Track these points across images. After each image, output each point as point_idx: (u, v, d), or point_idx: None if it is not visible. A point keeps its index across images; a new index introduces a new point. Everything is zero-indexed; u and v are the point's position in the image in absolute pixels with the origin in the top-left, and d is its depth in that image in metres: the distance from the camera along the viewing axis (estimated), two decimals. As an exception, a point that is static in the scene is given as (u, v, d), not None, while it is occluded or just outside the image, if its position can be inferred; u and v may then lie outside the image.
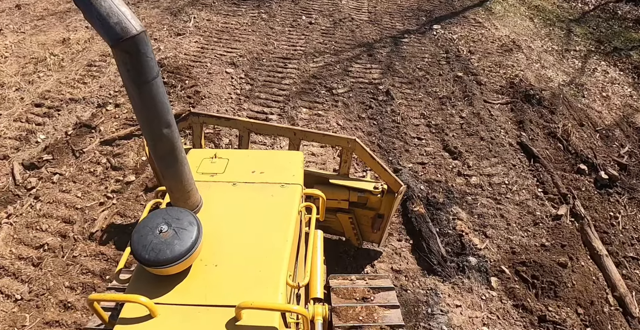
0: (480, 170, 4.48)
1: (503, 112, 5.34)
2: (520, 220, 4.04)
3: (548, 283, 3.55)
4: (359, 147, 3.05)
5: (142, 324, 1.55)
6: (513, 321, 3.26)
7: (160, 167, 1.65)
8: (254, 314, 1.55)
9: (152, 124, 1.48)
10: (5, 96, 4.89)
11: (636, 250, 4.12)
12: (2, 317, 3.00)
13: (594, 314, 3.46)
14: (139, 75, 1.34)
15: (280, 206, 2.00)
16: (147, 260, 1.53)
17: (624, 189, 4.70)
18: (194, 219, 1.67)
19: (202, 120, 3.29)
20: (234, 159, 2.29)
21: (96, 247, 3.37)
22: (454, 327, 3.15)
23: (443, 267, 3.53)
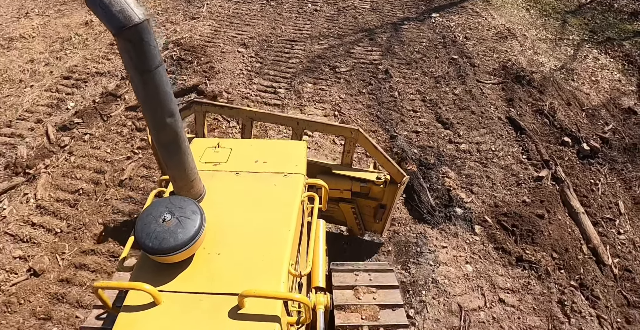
0: (470, 139, 5.03)
1: (494, 91, 5.89)
2: (504, 181, 4.57)
3: (526, 231, 4.08)
4: (362, 137, 3.12)
5: (146, 311, 1.60)
6: (493, 260, 3.79)
7: (164, 156, 1.69)
8: (256, 302, 1.60)
9: (155, 112, 1.52)
10: (35, 70, 5.51)
11: (613, 212, 4.63)
12: (45, 246, 3.56)
13: (568, 259, 3.98)
14: (142, 64, 1.37)
15: (283, 196, 2.07)
16: (151, 248, 1.59)
17: (605, 160, 5.22)
18: (197, 208, 1.72)
19: (205, 108, 3.35)
20: (237, 148, 2.35)
21: (125, 192, 3.94)
22: (439, 263, 3.69)
23: (432, 216, 4.07)
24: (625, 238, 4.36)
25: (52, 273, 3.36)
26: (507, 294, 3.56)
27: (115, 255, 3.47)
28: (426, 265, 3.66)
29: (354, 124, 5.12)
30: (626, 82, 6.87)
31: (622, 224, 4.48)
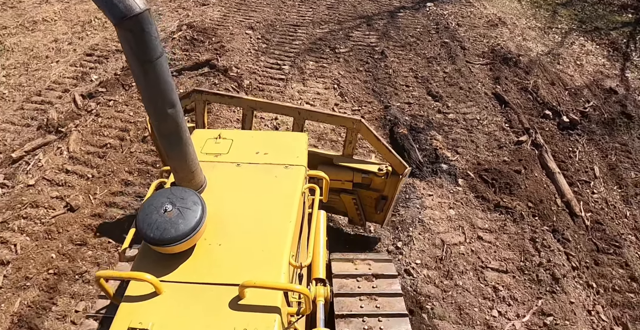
0: (457, 110, 5.64)
1: (482, 70, 6.52)
2: (487, 144, 5.17)
3: (504, 183, 4.67)
4: (364, 127, 3.17)
5: (148, 301, 1.66)
6: (473, 206, 4.37)
7: (165, 147, 1.74)
8: (256, 292, 1.66)
9: (156, 103, 1.56)
10: (60, 48, 6.18)
11: (589, 176, 5.21)
12: (78, 188, 4.17)
13: (542, 209, 4.55)
14: (143, 54, 1.40)
15: (284, 187, 2.13)
16: (152, 238, 1.65)
17: (584, 131, 5.81)
18: (198, 199, 1.77)
19: (205, 97, 3.40)
20: (238, 139, 2.41)
21: (148, 146, 4.56)
22: (425, 207, 4.28)
23: (420, 170, 4.67)
24: (599, 197, 4.93)
25: (86, 209, 3.97)
26: (485, 233, 4.14)
27: (140, 196, 4.07)
28: (413, 208, 4.24)
29: (353, 100, 5.74)
30: (610, 66, 7.49)
31: (597, 185, 5.06)
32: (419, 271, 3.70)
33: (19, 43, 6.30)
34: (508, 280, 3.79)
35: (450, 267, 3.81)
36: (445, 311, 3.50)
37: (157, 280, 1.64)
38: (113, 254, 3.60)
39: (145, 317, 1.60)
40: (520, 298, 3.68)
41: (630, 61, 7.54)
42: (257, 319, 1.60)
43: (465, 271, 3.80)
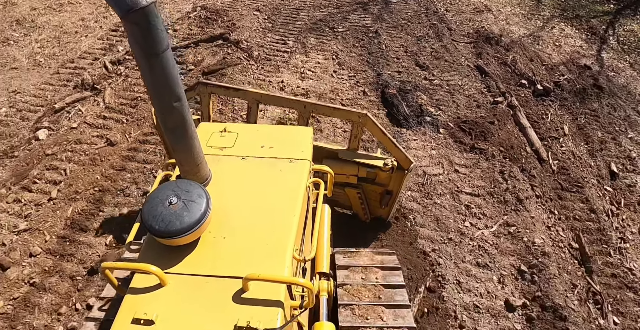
0: (442, 77, 6.61)
1: (466, 47, 7.51)
2: (467, 104, 6.12)
3: (480, 132, 5.60)
4: (370, 121, 3.27)
5: (152, 293, 1.73)
6: (452, 148, 5.29)
7: (170, 140, 1.81)
8: (260, 285, 1.73)
9: (162, 96, 1.62)
10: (87, 25, 7.20)
11: (558, 133, 6.13)
12: (115, 130, 5.09)
13: (513, 153, 5.47)
14: (149, 47, 1.45)
15: (289, 181, 2.21)
16: (157, 230, 1.72)
17: (557, 98, 6.76)
18: (203, 192, 1.84)
19: (211, 90, 3.52)
20: (244, 133, 2.51)
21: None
22: (411, 148, 5.20)
23: (407, 121, 5.60)
24: (566, 150, 5.85)
25: (123, 144, 4.90)
26: (461, 167, 5.05)
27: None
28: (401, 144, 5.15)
29: (349, 69, 6.70)
30: (587, 48, 8.49)
31: (565, 141, 5.98)
32: (403, 192, 4.60)
33: (49, 22, 7.32)
34: (479, 201, 4.68)
35: (430, 190, 4.70)
36: (425, 221, 4.39)
37: (161, 272, 1.72)
38: (148, 176, 4.51)
39: (149, 308, 1.68)
40: (489, 214, 4.57)
41: (607, 44, 8.55)
42: (260, 312, 1.67)
43: (443, 194, 4.70)
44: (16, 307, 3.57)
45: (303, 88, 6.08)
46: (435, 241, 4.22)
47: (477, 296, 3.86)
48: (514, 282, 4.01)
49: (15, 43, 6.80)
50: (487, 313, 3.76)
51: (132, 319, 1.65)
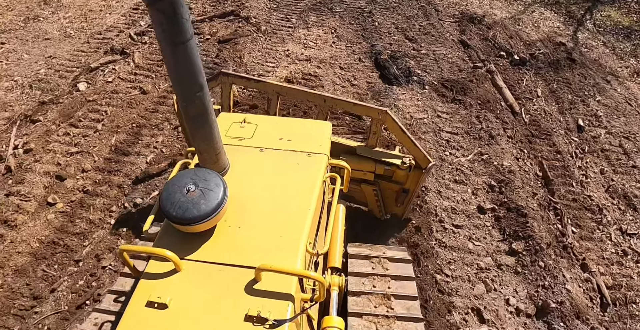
0: (428, 49, 7.76)
1: (451, 25, 8.71)
2: (450, 68, 7.25)
3: (460, 88, 6.72)
4: (390, 119, 3.40)
5: (167, 278, 1.86)
6: (435, 100, 6.40)
7: (191, 128, 1.93)
8: (272, 277, 1.84)
9: (185, 85, 1.75)
10: (110, 4, 8.36)
11: (532, 95, 7.26)
12: (146, 83, 6.17)
13: (489, 106, 6.57)
14: (174, 36, 1.55)
15: (305, 174, 2.31)
16: (175, 217, 1.85)
17: (532, 67, 7.91)
18: (221, 181, 1.96)
19: (232, 80, 3.67)
20: (263, 124, 2.62)
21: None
22: (399, 99, 6.29)
23: (397, 80, 6.71)
24: (538, 107, 6.96)
25: (154, 93, 5.97)
26: (442, 113, 6.14)
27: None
28: (391, 99, 6.26)
29: (346, 41, 7.83)
30: (564, 29, 9.72)
31: (538, 101, 7.10)
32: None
33: (74, 1, 8.47)
34: (457, 138, 5.76)
35: (416, 129, 5.78)
36: (410, 151, 5.45)
37: (177, 257, 1.83)
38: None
39: (163, 293, 1.80)
40: (466, 146, 5.63)
41: (583, 26, 9.78)
42: (271, 303, 1.78)
43: (427, 132, 5.77)
44: (74, 207, 4.57)
45: (306, 55, 7.19)
46: (419, 164, 5.27)
47: (454, 202, 4.88)
48: (485, 193, 5.04)
49: (45, 19, 7.92)
50: (463, 214, 4.79)
51: (147, 302, 1.77)
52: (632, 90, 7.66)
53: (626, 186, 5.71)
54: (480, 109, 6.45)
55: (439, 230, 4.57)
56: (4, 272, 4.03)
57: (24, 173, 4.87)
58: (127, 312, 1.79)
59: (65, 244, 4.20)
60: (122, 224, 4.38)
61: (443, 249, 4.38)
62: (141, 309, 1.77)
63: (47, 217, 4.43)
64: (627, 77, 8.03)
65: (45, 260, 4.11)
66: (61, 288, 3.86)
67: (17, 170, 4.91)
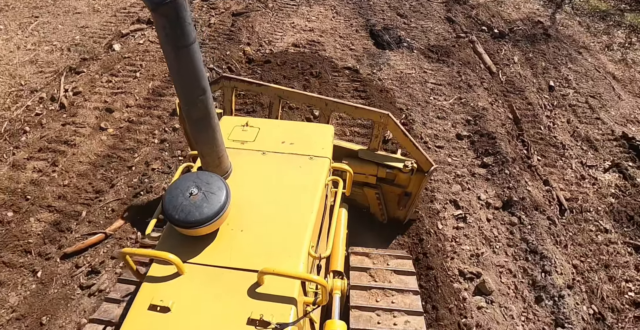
0: (417, 23, 9.15)
1: (439, 5, 10.14)
2: (436, 38, 8.61)
3: (444, 52, 8.06)
4: (392, 122, 3.48)
5: (169, 281, 1.96)
6: (422, 60, 7.72)
7: (193, 132, 2.06)
8: (275, 280, 1.94)
9: (188, 88, 1.85)
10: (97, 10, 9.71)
11: (509, 61, 8.61)
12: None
13: (469, 66, 7.91)
14: (177, 40, 1.65)
15: (308, 178, 2.45)
16: (177, 220, 1.95)
17: (510, 40, 9.30)
18: (223, 184, 2.07)
19: (234, 84, 3.76)
20: (265, 128, 2.75)
21: (211, 32, 7.88)
22: (390, 59, 7.59)
23: (389, 46, 8.05)
24: (514, 71, 8.31)
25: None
26: (428, 70, 7.46)
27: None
28: (384, 59, 7.58)
29: (344, 16, 9.20)
30: (543, 10, 11.17)
31: (514, 66, 8.45)
32: (384, 79, 6.95)
33: (98, -14, 9.83)
34: (440, 87, 7.06)
35: (405, 81, 7.08)
36: (401, 95, 6.73)
37: (179, 260, 1.92)
38: (201, 68, 6.82)
39: (166, 296, 1.89)
40: (447, 93, 6.93)
41: (561, 9, 11.24)
42: (273, 306, 1.87)
43: (415, 83, 7.07)
44: (122, 131, 5.80)
45: (309, 27, 8.53)
46: (408, 104, 6.55)
47: (437, 131, 6.15)
48: (462, 126, 6.32)
49: (73, -2, 9.26)
50: (443, 139, 6.04)
51: (149, 305, 1.86)
52: (602, 60, 9.04)
53: (589, 133, 7.00)
54: (461, 67, 7.77)
55: (424, 148, 5.81)
56: (69, 175, 5.21)
57: (76, 109, 6.09)
58: (129, 316, 1.89)
59: (118, 156, 5.41)
60: (164, 142, 5.59)
61: (427, 162, 5.64)
62: (144, 312, 1.86)
63: (101, 138, 5.64)
64: (598, 50, 9.42)
65: (102, 167, 5.30)
66: (119, 184, 5.05)
67: (69, 107, 6.13)
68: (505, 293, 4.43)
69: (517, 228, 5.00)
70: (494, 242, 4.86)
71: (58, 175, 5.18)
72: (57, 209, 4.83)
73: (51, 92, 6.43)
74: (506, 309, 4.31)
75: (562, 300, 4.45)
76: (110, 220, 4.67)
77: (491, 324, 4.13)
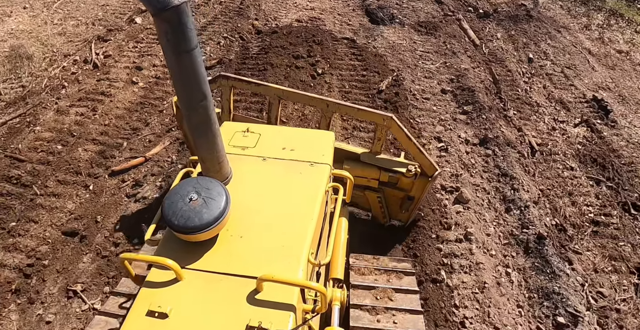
0: (409, 5, 10.45)
1: (429, -9, 11.43)
2: (425, 16, 9.87)
3: (432, 27, 9.30)
4: (395, 125, 3.54)
5: (168, 287, 2.01)
6: (412, 33, 8.95)
7: (194, 137, 2.11)
8: (274, 287, 1.98)
9: (188, 93, 1.91)
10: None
11: (493, 38, 9.86)
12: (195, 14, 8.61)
13: (454, 39, 9.12)
14: (178, 45, 1.70)
15: (308, 184, 2.53)
16: (176, 226, 2.01)
17: (495, 19, 10.57)
18: (223, 190, 2.13)
19: (232, 83, 3.84)
20: (266, 134, 2.88)
21: (222, 9, 9.09)
22: (384, 32, 8.79)
23: (382, 21, 9.28)
24: (497, 45, 9.55)
25: (202, 20, 8.40)
26: (417, 41, 8.67)
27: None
28: (378, 32, 8.81)
29: None
30: (525, -1, 12.51)
31: (497, 42, 9.70)
32: (378, 47, 8.15)
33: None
34: (428, 54, 8.27)
35: (396, 49, 8.29)
36: (393, 60, 7.95)
37: (178, 266, 2.00)
38: (224, 31, 7.99)
39: (164, 302, 1.96)
40: (434, 59, 8.12)
41: (542, -2, 12.59)
42: (272, 314, 1.93)
43: (405, 51, 8.28)
44: (152, 85, 6.93)
45: (310, 6, 9.76)
46: (399, 67, 7.75)
47: (424, 87, 7.33)
48: (446, 83, 7.51)
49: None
50: (430, 93, 7.21)
51: (147, 311, 1.94)
52: (580, 38, 10.31)
53: (563, 96, 8.21)
54: (447, 39, 9.00)
55: (412, 99, 6.98)
56: (108, 117, 6.32)
57: (108, 68, 7.22)
58: (127, 322, 1.94)
59: (149, 103, 6.53)
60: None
61: (415, 109, 6.78)
62: (141, 318, 1.92)
63: (133, 90, 6.77)
64: (577, 30, 10.70)
65: (136, 112, 6.41)
66: (153, 123, 6.17)
67: (102, 67, 7.26)
68: (480, 204, 5.55)
69: (492, 158, 6.15)
70: (471, 168, 5.99)
71: (99, 116, 6.28)
72: (101, 142, 5.92)
73: (83, 56, 7.56)
74: (480, 214, 5.42)
75: (527, 210, 5.57)
76: (148, 148, 5.78)
77: (467, 223, 5.24)
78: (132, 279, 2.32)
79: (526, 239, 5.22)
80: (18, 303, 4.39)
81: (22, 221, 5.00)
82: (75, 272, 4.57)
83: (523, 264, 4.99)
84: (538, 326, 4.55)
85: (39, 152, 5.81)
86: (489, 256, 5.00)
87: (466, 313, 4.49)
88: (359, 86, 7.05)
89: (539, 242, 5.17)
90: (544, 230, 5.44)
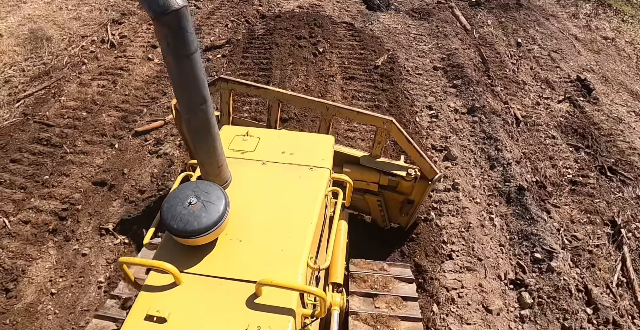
0: (404, -7, 11.25)
1: (424, -18, 12.29)
2: (420, 3, 10.71)
3: (426, 13, 10.11)
4: (395, 128, 3.63)
5: (166, 291, 2.05)
6: (407, 19, 9.77)
7: (193, 141, 2.16)
8: (273, 291, 2.02)
9: (188, 98, 1.96)
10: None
11: (484, 24, 10.69)
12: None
13: (446, 24, 9.91)
14: (178, 49, 1.74)
15: (307, 188, 2.58)
16: (175, 230, 2.04)
17: (486, 7, 11.41)
18: (222, 194, 2.17)
19: (231, 86, 3.94)
20: (266, 138, 2.94)
21: (227, -8, 9.93)
22: (380, 17, 9.60)
23: (379, 8, 10.09)
24: (487, 31, 10.38)
25: (204, 9, 9.18)
26: (412, 25, 9.48)
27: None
28: (374, 17, 9.62)
29: None
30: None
31: (488, 28, 10.53)
32: (375, 30, 8.95)
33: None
34: (421, 37, 9.08)
35: (392, 32, 9.09)
36: (388, 41, 8.75)
37: (176, 270, 2.03)
38: (237, 11, 8.78)
39: (163, 306, 1.99)
40: (427, 41, 8.94)
41: (532, -9, 13.48)
42: (271, 318, 1.96)
43: (400, 33, 9.08)
44: (165, 63, 7.67)
45: (310, -4, 10.61)
46: (394, 47, 8.54)
47: (417, 64, 8.12)
48: (438, 61, 8.30)
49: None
50: (422, 69, 8.01)
51: (145, 316, 1.98)
52: (567, 26, 11.15)
53: (548, 76, 9.01)
54: (440, 23, 9.82)
55: (406, 74, 7.77)
56: (128, 88, 7.06)
57: (125, 47, 7.98)
58: (125, 326, 1.99)
59: (165, 76, 7.27)
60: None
61: (408, 82, 7.57)
62: (140, 322, 1.97)
63: (150, 65, 7.52)
64: (565, 18, 11.54)
65: (154, 84, 7.16)
66: (170, 93, 6.91)
67: (119, 46, 8.02)
68: (467, 161, 6.31)
69: (478, 124, 6.92)
70: (459, 132, 6.76)
71: (119, 88, 7.02)
72: (123, 109, 6.66)
73: (100, 37, 8.31)
74: (467, 169, 6.18)
75: (510, 167, 6.33)
76: (166, 113, 6.53)
77: (455, 176, 5.99)
78: (130, 283, 2.37)
79: (508, 191, 5.97)
80: (55, 241, 5.09)
81: (55, 174, 5.72)
82: (107, 215, 5.28)
83: (505, 211, 5.73)
84: (518, 262, 5.29)
85: (65, 118, 6.54)
86: (474, 203, 5.75)
87: (453, 247, 5.23)
88: (357, 62, 7.83)
89: (519, 193, 5.92)
90: (525, 184, 6.20)
